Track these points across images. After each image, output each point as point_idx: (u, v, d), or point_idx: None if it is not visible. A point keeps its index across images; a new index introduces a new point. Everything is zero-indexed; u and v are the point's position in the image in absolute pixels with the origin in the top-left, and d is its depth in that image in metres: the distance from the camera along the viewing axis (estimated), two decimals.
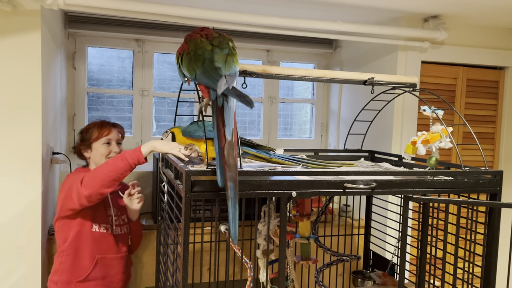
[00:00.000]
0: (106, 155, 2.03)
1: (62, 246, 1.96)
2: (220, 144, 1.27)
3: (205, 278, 2.25)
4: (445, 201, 1.55)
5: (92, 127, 2.06)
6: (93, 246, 1.96)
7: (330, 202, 2.15)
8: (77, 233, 1.94)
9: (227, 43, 1.41)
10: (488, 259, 1.63)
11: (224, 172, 1.25)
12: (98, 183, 1.76)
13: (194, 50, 1.38)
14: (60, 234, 1.97)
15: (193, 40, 1.42)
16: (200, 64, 1.35)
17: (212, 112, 1.32)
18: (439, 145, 1.67)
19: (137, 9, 2.08)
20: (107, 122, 2.09)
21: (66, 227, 1.95)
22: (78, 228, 1.94)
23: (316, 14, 2.59)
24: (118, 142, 2.08)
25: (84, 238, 1.95)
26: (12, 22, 1.97)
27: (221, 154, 1.26)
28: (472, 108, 2.89)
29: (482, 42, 2.81)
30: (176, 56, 1.49)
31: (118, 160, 1.77)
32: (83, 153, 2.08)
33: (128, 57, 2.97)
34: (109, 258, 2.01)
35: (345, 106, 3.23)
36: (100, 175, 1.77)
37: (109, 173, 1.76)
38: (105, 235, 2.00)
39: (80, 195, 1.79)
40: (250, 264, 1.68)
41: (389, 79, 1.83)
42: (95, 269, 1.96)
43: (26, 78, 2.01)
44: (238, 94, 1.29)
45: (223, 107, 1.30)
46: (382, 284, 2.03)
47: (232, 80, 1.33)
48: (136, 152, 1.76)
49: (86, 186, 1.78)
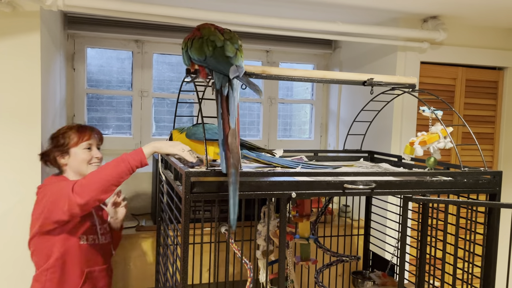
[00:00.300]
0: (88, 161, 1.88)
1: (45, 264, 1.77)
2: (224, 132, 1.30)
3: (205, 279, 2.25)
4: (445, 202, 1.55)
5: (67, 131, 1.90)
6: (81, 260, 1.81)
7: (329, 202, 2.16)
8: (63, 247, 1.77)
9: (237, 40, 1.47)
10: (487, 260, 1.63)
11: (226, 159, 1.27)
12: (95, 189, 1.62)
13: (208, 36, 1.43)
14: (41, 252, 1.78)
15: (206, 28, 1.48)
16: (211, 49, 1.40)
17: (217, 101, 1.35)
18: (437, 145, 1.67)
19: (137, 10, 2.08)
20: (86, 126, 1.95)
21: (48, 244, 1.77)
22: (64, 243, 1.77)
23: (315, 15, 2.59)
24: (98, 147, 1.94)
25: (72, 253, 1.79)
26: (12, 23, 1.97)
27: (225, 142, 1.29)
28: (471, 108, 2.89)
29: (481, 42, 2.82)
30: (184, 41, 1.52)
31: (118, 163, 1.65)
32: (58, 160, 1.88)
33: (128, 58, 2.97)
34: (98, 271, 1.89)
35: (345, 107, 3.23)
36: (97, 180, 1.63)
37: (108, 177, 1.63)
38: (93, 246, 1.86)
39: (73, 205, 1.63)
40: (250, 265, 1.68)
41: (388, 79, 1.83)
42: (84, 285, 1.82)
43: (26, 79, 2.01)
44: (248, 82, 1.36)
45: (228, 96, 1.34)
46: (381, 284, 2.03)
47: (241, 71, 1.38)
48: (138, 153, 1.66)
49: (80, 193, 1.62)
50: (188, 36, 1.52)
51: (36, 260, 1.81)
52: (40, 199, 1.76)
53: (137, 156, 1.66)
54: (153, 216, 2.52)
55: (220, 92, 1.35)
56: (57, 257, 1.76)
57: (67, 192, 1.65)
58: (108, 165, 1.67)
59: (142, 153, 1.66)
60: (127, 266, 2.28)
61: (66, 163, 1.88)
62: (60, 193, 1.68)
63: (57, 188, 1.71)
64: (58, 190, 1.70)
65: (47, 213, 1.70)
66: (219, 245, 2.01)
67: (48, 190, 1.75)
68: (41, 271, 1.78)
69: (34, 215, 1.78)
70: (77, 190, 1.64)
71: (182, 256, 1.30)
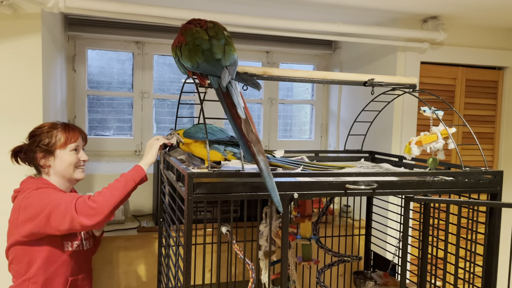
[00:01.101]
0: (75, 164, 1.76)
1: (26, 274, 1.65)
2: (237, 124, 1.28)
3: (207, 279, 2.25)
4: (446, 202, 1.55)
5: (51, 130, 1.74)
6: (66, 268, 1.72)
7: (331, 203, 2.16)
8: (47, 255, 1.67)
9: (222, 32, 1.41)
10: (489, 259, 1.63)
11: (249, 148, 1.27)
12: (108, 212, 1.58)
13: (192, 41, 1.38)
14: (21, 261, 1.66)
15: (188, 31, 1.42)
16: (200, 54, 1.36)
17: (219, 98, 1.33)
18: (435, 146, 1.68)
19: (137, 11, 2.09)
20: (73, 125, 1.81)
21: (30, 252, 1.66)
22: (48, 250, 1.67)
23: (315, 15, 2.60)
24: (83, 148, 1.84)
25: (56, 261, 1.69)
26: (13, 25, 1.98)
27: (241, 133, 1.28)
28: (472, 108, 2.89)
29: (481, 42, 2.82)
30: (172, 48, 1.49)
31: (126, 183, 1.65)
32: (39, 160, 1.72)
33: (128, 59, 2.97)
34: (81, 279, 1.80)
35: (345, 107, 3.23)
36: (110, 203, 1.59)
37: (120, 199, 1.62)
38: (77, 253, 1.77)
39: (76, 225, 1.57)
40: (252, 266, 1.68)
41: (389, 80, 1.84)
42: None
43: (27, 80, 2.01)
44: (245, 79, 1.34)
45: (228, 91, 1.31)
46: (383, 284, 2.03)
47: (234, 69, 1.35)
48: (139, 172, 1.70)
49: (89, 216, 1.56)
50: (174, 43, 1.48)
51: (16, 269, 1.68)
52: (24, 207, 1.62)
53: (140, 173, 1.70)
54: (155, 217, 2.52)
55: (220, 89, 1.33)
56: (40, 266, 1.66)
57: (69, 211, 1.57)
58: (116, 187, 1.63)
59: (143, 170, 1.72)
60: (129, 267, 2.28)
61: (50, 165, 1.73)
62: (58, 210, 1.58)
63: (53, 202, 1.60)
64: (54, 206, 1.59)
65: (38, 227, 1.60)
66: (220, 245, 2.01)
67: (37, 201, 1.61)
68: (21, 281, 1.66)
69: (14, 222, 1.64)
70: (83, 212, 1.57)
71: (184, 257, 1.30)
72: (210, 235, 2.31)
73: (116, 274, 2.26)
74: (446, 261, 1.61)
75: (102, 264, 2.24)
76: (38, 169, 1.77)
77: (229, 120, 1.31)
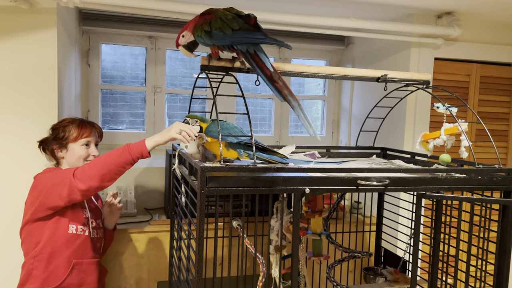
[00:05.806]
0: (84, 158, 1.88)
1: (33, 251, 1.76)
2: (267, 76, 1.48)
3: (218, 273, 2.27)
4: (459, 199, 1.55)
5: (68, 124, 1.89)
6: (69, 249, 1.79)
7: (342, 199, 2.16)
8: (52, 234, 1.76)
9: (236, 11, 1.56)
10: (501, 257, 1.62)
11: (280, 92, 1.47)
12: (98, 176, 1.64)
13: (225, 15, 1.51)
14: (31, 239, 1.77)
15: (215, 11, 1.54)
16: (235, 23, 1.48)
17: (249, 60, 1.51)
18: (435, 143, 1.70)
19: (151, 6, 2.10)
20: (87, 122, 1.93)
21: (39, 230, 1.76)
22: (53, 229, 1.76)
23: (328, 10, 2.59)
24: (96, 144, 1.95)
25: (59, 240, 1.77)
26: (29, 20, 2.01)
27: (272, 81, 1.48)
28: (485, 105, 2.86)
29: (495, 38, 2.79)
30: (198, 27, 1.55)
31: (121, 152, 1.66)
32: (55, 152, 1.90)
33: (141, 54, 2.99)
34: (86, 263, 1.85)
35: (357, 103, 3.22)
36: (100, 167, 1.65)
37: (111, 166, 1.65)
38: (82, 237, 1.84)
39: (74, 190, 1.65)
40: (262, 260, 1.69)
41: (402, 76, 1.83)
42: (71, 275, 1.79)
43: (43, 74, 2.04)
44: (275, 40, 1.50)
45: (255, 53, 1.50)
46: (393, 280, 2.03)
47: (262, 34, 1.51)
48: (140, 145, 1.67)
49: (82, 179, 1.64)
50: (199, 22, 1.55)
51: (25, 248, 1.80)
52: (34, 186, 1.76)
53: (139, 148, 1.67)
54: (166, 211, 2.55)
55: (248, 53, 1.49)
56: (44, 244, 1.75)
57: (67, 177, 1.66)
58: (111, 153, 1.68)
59: (144, 145, 1.67)
60: (141, 260, 2.31)
61: (63, 157, 1.90)
62: (59, 178, 1.69)
63: (56, 174, 1.72)
64: (57, 175, 1.71)
65: (43, 198, 1.70)
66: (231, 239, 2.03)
67: (44, 177, 1.74)
68: (28, 259, 1.77)
69: (28, 203, 1.78)
70: (78, 176, 1.65)
71: (197, 250, 1.32)
72: (221, 229, 2.32)
73: (128, 267, 2.30)
74: (457, 259, 1.60)
75: (114, 256, 2.27)
76: (57, 160, 1.94)
77: (260, 75, 1.50)
